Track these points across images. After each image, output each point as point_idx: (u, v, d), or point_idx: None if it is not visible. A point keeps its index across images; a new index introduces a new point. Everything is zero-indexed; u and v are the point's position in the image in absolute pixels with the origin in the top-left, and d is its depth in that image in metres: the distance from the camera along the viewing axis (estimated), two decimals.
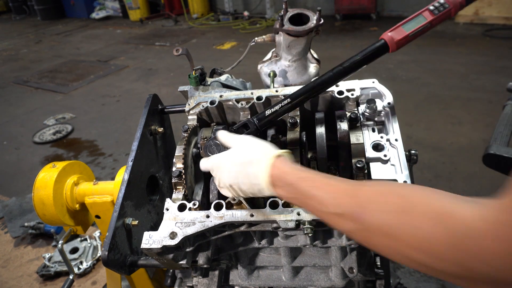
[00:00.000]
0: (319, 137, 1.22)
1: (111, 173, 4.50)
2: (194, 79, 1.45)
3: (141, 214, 1.38)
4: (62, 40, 11.24)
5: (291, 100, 1.09)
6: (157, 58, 8.52)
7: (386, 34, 1.04)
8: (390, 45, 1.03)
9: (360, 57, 1.06)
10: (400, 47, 1.04)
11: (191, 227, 1.07)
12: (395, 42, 1.03)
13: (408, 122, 4.72)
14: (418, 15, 1.05)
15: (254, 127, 1.08)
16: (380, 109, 1.24)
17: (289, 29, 1.34)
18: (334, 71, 1.07)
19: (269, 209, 1.06)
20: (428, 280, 2.80)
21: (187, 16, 11.53)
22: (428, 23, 1.04)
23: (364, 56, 1.06)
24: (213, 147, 1.06)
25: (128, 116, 5.89)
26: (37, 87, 7.61)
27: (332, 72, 1.07)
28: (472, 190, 3.56)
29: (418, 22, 1.04)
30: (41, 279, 3.12)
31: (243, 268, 1.35)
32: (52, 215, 1.65)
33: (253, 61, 1.88)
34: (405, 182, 1.07)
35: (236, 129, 1.09)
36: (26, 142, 5.50)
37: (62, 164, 1.73)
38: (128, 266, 1.25)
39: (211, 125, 1.40)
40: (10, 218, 3.80)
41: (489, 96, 5.14)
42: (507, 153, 1.24)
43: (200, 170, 1.08)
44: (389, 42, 1.03)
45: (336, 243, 1.22)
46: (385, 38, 1.04)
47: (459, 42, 7.25)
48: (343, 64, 1.07)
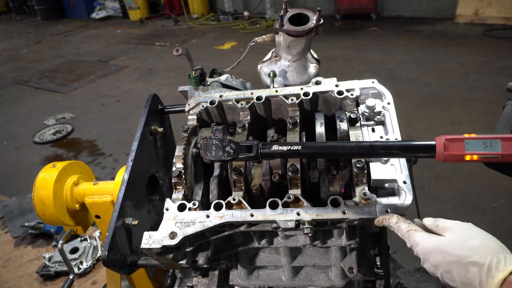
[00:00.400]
0: (319, 137, 1.23)
1: (111, 173, 4.50)
2: (194, 79, 1.45)
3: (141, 214, 1.38)
4: (62, 40, 11.24)
5: (302, 149, 0.99)
6: (157, 58, 8.52)
7: (442, 139, 0.87)
8: (438, 153, 0.86)
9: (397, 145, 0.91)
10: (448, 161, 0.87)
11: (191, 227, 1.07)
12: (444, 154, 0.85)
13: (408, 122, 4.72)
14: (494, 139, 0.84)
15: (255, 153, 1.02)
16: (380, 109, 1.24)
17: (289, 29, 1.34)
18: (361, 145, 0.95)
19: (269, 209, 1.06)
20: (428, 280, 2.80)
21: (187, 16, 11.53)
22: (499, 155, 0.83)
23: (402, 146, 0.90)
24: (213, 147, 1.06)
25: (128, 116, 5.89)
26: (37, 87, 7.61)
27: (357, 145, 0.95)
28: (472, 190, 3.56)
29: (488, 147, 0.84)
30: (41, 279, 3.12)
31: (243, 268, 1.36)
32: (52, 215, 1.65)
33: (253, 61, 1.88)
34: (405, 182, 1.07)
35: (239, 147, 1.05)
36: (26, 142, 5.50)
37: (62, 164, 1.73)
38: (128, 266, 1.25)
39: (211, 125, 1.40)
40: (10, 218, 3.80)
41: (489, 96, 5.14)
42: None
43: (200, 170, 1.07)
44: (439, 149, 0.86)
45: (336, 243, 1.22)
46: (438, 143, 0.86)
47: (459, 42, 7.25)
48: (374, 143, 0.93)
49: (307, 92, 1.31)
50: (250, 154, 1.02)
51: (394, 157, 0.92)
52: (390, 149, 0.92)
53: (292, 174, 1.11)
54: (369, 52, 7.15)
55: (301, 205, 1.07)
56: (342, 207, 1.03)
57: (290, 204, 1.08)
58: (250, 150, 1.03)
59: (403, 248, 3.08)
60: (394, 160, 1.13)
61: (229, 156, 1.03)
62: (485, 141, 0.84)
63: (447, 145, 0.85)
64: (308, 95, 1.30)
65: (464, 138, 0.86)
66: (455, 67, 6.16)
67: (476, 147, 0.85)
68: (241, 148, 1.03)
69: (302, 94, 1.31)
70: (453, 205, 3.43)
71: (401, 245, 3.12)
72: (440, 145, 0.86)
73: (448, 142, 0.86)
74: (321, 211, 1.03)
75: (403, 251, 3.04)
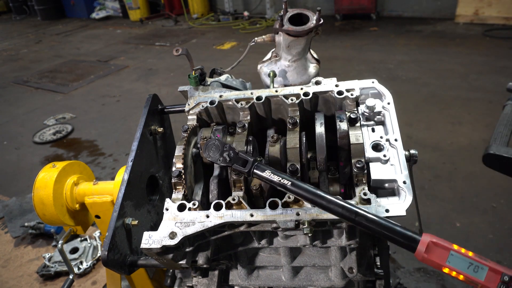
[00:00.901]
0: (318, 137, 1.22)
1: (111, 173, 4.50)
2: (194, 79, 1.45)
3: (141, 214, 1.38)
4: (62, 40, 11.25)
5: (291, 185, 0.98)
6: (157, 58, 8.52)
7: (428, 239, 0.82)
8: (418, 251, 0.83)
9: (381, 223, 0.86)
10: (426, 263, 0.83)
11: (191, 227, 1.07)
12: (423, 255, 0.82)
13: (408, 122, 4.72)
14: (482, 265, 0.78)
15: (247, 170, 1.03)
16: (380, 109, 1.24)
17: (289, 29, 1.34)
18: (347, 208, 0.90)
19: (268, 209, 1.06)
20: (428, 280, 2.80)
21: (187, 16, 11.53)
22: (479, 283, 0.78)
23: (386, 227, 0.86)
24: (213, 148, 1.06)
25: (128, 116, 5.89)
26: (37, 87, 7.62)
27: (344, 206, 0.91)
28: (472, 190, 3.56)
29: (471, 271, 0.78)
30: (41, 279, 3.12)
31: (243, 268, 1.35)
32: (52, 215, 1.65)
33: (253, 61, 1.88)
34: (405, 182, 1.07)
35: (236, 157, 1.06)
36: (26, 142, 5.51)
37: (62, 164, 1.73)
38: (128, 266, 1.25)
39: (211, 125, 1.40)
40: (10, 218, 3.80)
41: (489, 96, 5.14)
42: (507, 153, 1.24)
43: (200, 170, 1.08)
44: (420, 247, 0.82)
45: (335, 243, 1.22)
46: (422, 241, 0.83)
47: (459, 42, 7.25)
48: (359, 211, 0.89)
49: (307, 92, 1.31)
50: (243, 169, 1.04)
51: (374, 233, 0.87)
52: (373, 223, 0.87)
53: (291, 174, 1.11)
54: (369, 52, 7.15)
55: (301, 205, 1.07)
56: None
57: (290, 204, 1.08)
58: (244, 165, 1.05)
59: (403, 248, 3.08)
60: (394, 160, 1.13)
61: (223, 162, 1.06)
62: (472, 262, 0.78)
63: (431, 247, 0.81)
64: (308, 95, 1.30)
65: (451, 248, 0.80)
66: (455, 67, 6.16)
67: (459, 264, 0.79)
68: (237, 159, 1.06)
69: (302, 94, 1.31)
70: (453, 205, 3.43)
71: None
72: (424, 244, 0.82)
73: (433, 245, 0.81)
74: (321, 211, 1.03)
75: (403, 251, 3.04)
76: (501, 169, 1.29)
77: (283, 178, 1.00)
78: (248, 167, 1.04)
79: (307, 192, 0.96)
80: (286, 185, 0.99)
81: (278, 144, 1.24)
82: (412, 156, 1.19)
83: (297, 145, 1.19)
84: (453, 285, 2.76)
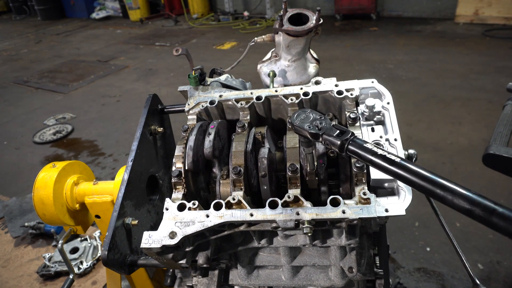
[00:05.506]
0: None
1: (111, 173, 4.50)
2: (194, 79, 1.45)
3: (141, 213, 1.38)
4: (62, 40, 11.25)
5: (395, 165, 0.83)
6: (157, 58, 8.52)
7: None
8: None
9: None
10: None
11: (191, 227, 1.07)
12: None
13: (408, 122, 4.72)
14: None
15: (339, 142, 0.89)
16: (380, 109, 1.24)
17: (289, 29, 1.34)
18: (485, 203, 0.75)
19: (268, 208, 1.06)
20: (428, 280, 2.80)
21: (187, 16, 11.54)
22: None
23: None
24: (303, 115, 1.01)
25: (128, 116, 5.89)
26: (37, 87, 7.62)
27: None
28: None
29: None
30: (41, 279, 3.12)
31: (243, 268, 1.36)
32: (52, 215, 1.65)
33: (253, 61, 1.88)
34: None
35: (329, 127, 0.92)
36: (26, 142, 5.51)
37: (62, 164, 1.73)
38: (128, 265, 1.25)
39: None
40: (10, 218, 3.80)
41: (489, 96, 5.14)
42: (507, 153, 1.24)
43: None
44: None
45: (335, 243, 1.22)
46: None
47: (459, 42, 7.25)
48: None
49: (307, 92, 1.31)
50: (335, 140, 0.89)
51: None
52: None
53: (291, 174, 1.12)
54: (369, 52, 7.15)
55: (301, 204, 1.07)
56: (342, 207, 1.03)
57: (289, 203, 1.08)
58: (339, 136, 0.90)
59: (403, 248, 3.08)
60: None
61: (313, 130, 0.93)
62: None
63: None
64: (308, 95, 1.30)
65: None
66: (455, 67, 6.16)
67: None
68: (331, 129, 0.92)
69: (301, 94, 1.31)
70: None
71: (401, 245, 3.12)
72: None
73: None
74: (320, 210, 1.04)
75: (403, 251, 3.04)
76: (501, 169, 1.29)
77: (390, 154, 0.83)
78: (342, 139, 0.88)
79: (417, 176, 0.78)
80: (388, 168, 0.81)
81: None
82: (411, 156, 1.19)
83: (296, 145, 1.19)
84: (453, 285, 2.76)
